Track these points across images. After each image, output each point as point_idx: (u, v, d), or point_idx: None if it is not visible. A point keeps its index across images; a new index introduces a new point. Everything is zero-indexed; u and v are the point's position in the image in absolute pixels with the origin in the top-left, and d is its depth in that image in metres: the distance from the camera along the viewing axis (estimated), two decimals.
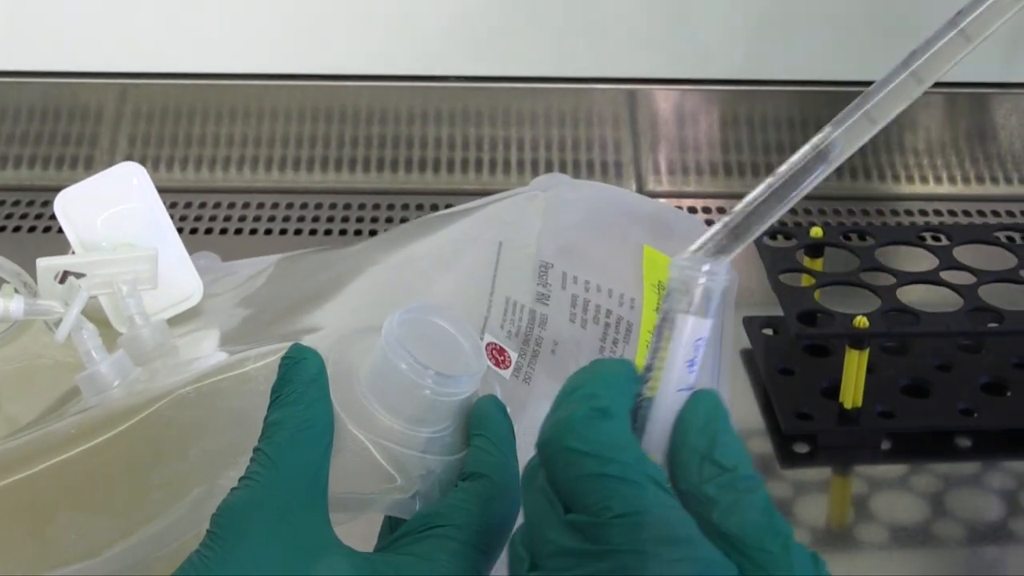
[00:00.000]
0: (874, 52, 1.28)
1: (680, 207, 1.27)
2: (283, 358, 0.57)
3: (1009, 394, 0.98)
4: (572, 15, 1.29)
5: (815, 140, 0.51)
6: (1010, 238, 1.09)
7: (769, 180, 0.51)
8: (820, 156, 0.50)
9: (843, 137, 0.51)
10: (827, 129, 0.51)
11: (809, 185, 0.51)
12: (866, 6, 1.29)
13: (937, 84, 1.26)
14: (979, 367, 1.00)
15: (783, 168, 0.51)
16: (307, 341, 0.60)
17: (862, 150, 0.52)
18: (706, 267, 0.49)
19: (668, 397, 0.49)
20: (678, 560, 0.45)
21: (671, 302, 0.49)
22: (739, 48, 1.32)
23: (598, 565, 0.46)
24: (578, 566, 0.46)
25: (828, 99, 1.32)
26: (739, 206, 0.51)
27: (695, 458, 0.48)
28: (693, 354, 0.49)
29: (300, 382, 0.56)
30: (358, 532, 0.56)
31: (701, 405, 0.50)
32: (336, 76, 1.32)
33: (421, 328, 0.57)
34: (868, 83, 0.51)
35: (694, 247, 0.50)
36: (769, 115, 1.33)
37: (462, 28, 1.30)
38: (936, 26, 0.51)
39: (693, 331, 0.49)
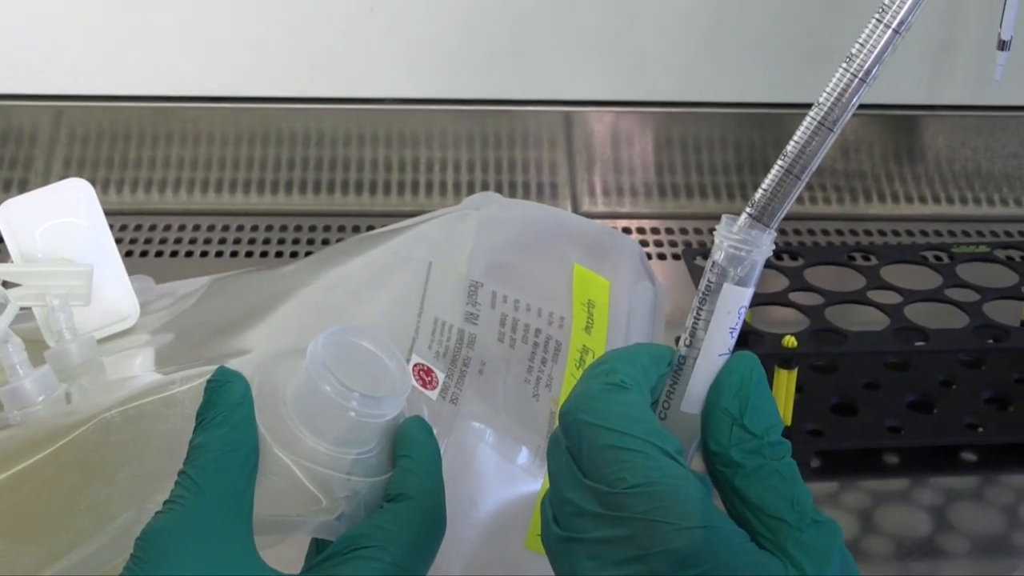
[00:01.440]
0: (806, 75, 1.30)
1: (615, 228, 1.28)
2: (208, 381, 0.57)
3: (935, 411, 0.99)
4: (506, 38, 1.30)
5: (812, 113, 0.52)
6: (938, 257, 1.11)
7: (779, 162, 0.52)
8: (822, 125, 0.51)
9: (837, 100, 0.52)
10: (820, 98, 0.52)
11: (819, 156, 0.52)
12: (797, 30, 1.31)
13: (866, 106, 1.27)
14: (906, 385, 1.01)
15: (790, 147, 0.52)
16: (234, 363, 0.60)
17: None
18: (750, 240, 0.51)
19: (710, 361, 0.53)
20: (688, 528, 0.48)
21: (717, 273, 0.52)
22: (673, 70, 1.33)
23: (614, 530, 0.49)
24: (595, 529, 0.50)
25: (761, 121, 1.34)
26: (759, 190, 0.52)
27: (726, 421, 0.52)
28: (736, 321, 0.52)
29: (225, 405, 0.56)
30: (286, 556, 0.56)
31: (737, 369, 0.53)
32: (272, 99, 1.32)
33: (346, 350, 0.57)
34: (800, 105, 0.52)
35: (739, 223, 0.52)
36: (703, 136, 1.34)
37: (396, 50, 1.30)
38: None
39: (737, 300, 0.52)
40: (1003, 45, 1.21)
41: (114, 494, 0.58)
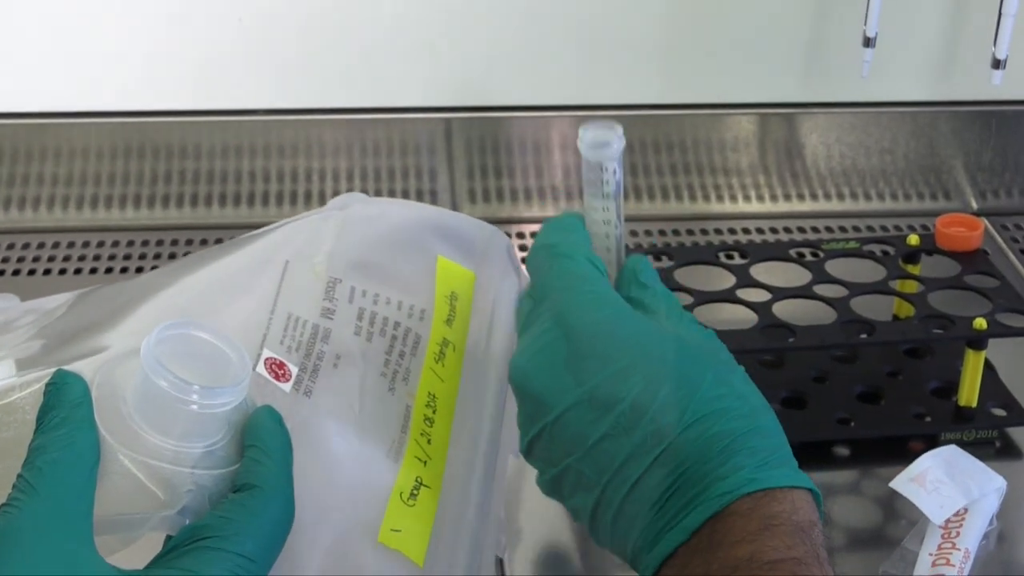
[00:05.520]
0: (690, 75, 1.30)
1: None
2: (47, 384, 0.57)
3: (808, 407, 1.00)
4: (381, 44, 1.29)
5: None
6: (815, 254, 1.10)
7: None
8: None
9: None
10: None
11: None
12: (683, 31, 1.30)
13: (741, 106, 1.27)
14: (779, 382, 1.02)
15: None
16: (76, 365, 0.60)
17: (672, 171, 0.53)
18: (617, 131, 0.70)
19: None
20: (584, 291, 0.66)
21: (607, 157, 0.70)
22: (553, 73, 1.33)
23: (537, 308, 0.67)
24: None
25: (642, 122, 1.33)
26: None
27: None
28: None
29: (63, 407, 0.56)
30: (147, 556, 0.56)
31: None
32: (143, 112, 1.30)
33: (184, 344, 0.57)
34: (684, 105, 0.53)
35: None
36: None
37: (269, 60, 1.29)
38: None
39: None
40: (868, 42, 1.23)
41: None
